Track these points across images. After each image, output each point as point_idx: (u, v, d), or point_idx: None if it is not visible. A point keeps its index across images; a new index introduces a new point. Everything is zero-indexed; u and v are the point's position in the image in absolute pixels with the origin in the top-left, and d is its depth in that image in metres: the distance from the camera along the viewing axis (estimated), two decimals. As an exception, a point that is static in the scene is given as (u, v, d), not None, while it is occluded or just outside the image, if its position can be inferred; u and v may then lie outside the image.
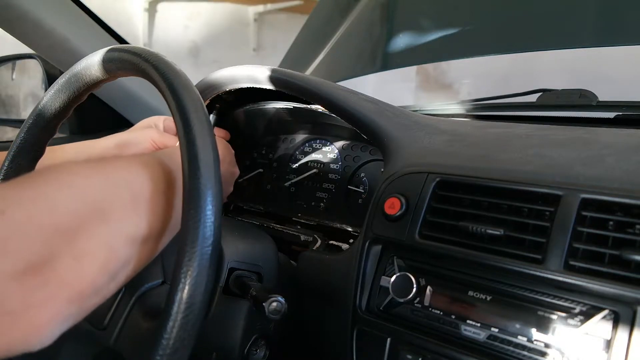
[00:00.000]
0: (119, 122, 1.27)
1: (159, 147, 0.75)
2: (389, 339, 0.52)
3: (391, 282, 0.53)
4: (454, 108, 0.97)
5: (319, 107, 0.74)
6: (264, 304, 0.49)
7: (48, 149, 0.58)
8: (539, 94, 0.87)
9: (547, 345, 0.43)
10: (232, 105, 0.87)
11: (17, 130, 0.56)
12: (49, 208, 0.34)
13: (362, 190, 0.77)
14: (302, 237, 0.75)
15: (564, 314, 0.43)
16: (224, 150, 0.75)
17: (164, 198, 0.43)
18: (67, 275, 0.34)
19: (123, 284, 0.41)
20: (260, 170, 0.90)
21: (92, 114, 1.24)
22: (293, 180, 0.85)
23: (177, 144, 0.43)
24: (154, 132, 0.77)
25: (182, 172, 0.40)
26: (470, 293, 0.49)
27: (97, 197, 0.37)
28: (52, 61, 1.14)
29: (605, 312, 0.41)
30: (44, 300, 0.33)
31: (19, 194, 0.35)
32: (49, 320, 0.34)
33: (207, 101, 0.81)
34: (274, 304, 0.49)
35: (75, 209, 0.36)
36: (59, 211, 0.35)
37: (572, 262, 0.43)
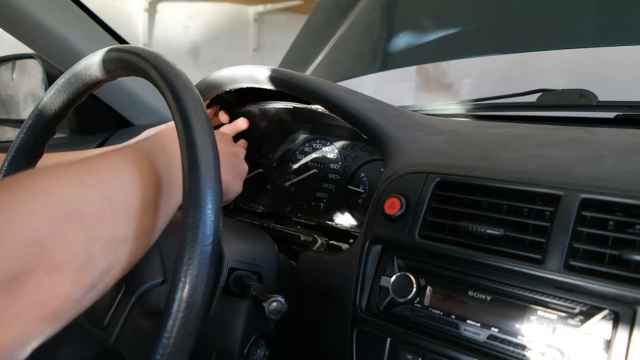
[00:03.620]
0: (119, 122, 1.27)
1: None
2: (389, 339, 0.52)
3: (391, 282, 0.53)
4: (454, 108, 0.96)
5: (319, 107, 0.74)
6: (264, 304, 0.49)
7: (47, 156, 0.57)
8: (539, 94, 0.87)
9: (547, 345, 0.43)
10: (232, 105, 0.87)
11: (17, 130, 0.56)
12: (23, 216, 0.32)
13: (362, 190, 0.77)
14: (302, 237, 0.75)
15: (564, 314, 0.43)
16: (227, 144, 0.72)
17: (143, 198, 0.42)
18: (38, 293, 0.32)
19: (103, 293, 0.39)
20: (260, 170, 0.90)
21: (92, 114, 1.25)
22: (293, 180, 0.85)
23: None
24: None
25: (182, 172, 0.40)
26: (470, 293, 0.49)
27: (72, 201, 0.36)
28: (52, 61, 1.14)
29: (605, 312, 0.41)
30: (12, 319, 0.31)
31: None
32: (18, 339, 0.31)
33: (207, 101, 0.81)
34: (274, 304, 0.49)
35: (50, 215, 0.33)
36: (34, 219, 0.32)
37: (572, 262, 0.43)
